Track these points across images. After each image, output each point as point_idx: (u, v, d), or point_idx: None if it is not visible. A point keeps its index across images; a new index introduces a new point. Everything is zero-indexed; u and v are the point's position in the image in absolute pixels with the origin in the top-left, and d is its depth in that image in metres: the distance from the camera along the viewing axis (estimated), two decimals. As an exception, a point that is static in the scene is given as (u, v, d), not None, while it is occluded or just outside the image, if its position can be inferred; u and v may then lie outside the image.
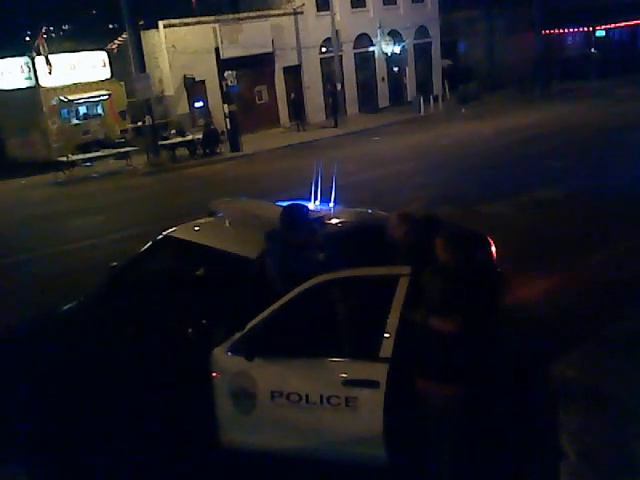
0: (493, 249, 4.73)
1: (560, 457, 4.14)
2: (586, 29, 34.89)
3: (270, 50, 26.20)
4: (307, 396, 4.19)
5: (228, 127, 21.97)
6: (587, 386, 4.77)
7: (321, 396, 4.16)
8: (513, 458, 4.44)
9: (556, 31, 35.07)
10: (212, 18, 24.44)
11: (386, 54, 30.27)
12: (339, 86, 26.52)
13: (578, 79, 31.10)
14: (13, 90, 21.73)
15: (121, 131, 23.37)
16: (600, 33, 35.26)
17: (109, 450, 4.31)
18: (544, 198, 11.72)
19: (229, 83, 21.70)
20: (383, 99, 30.75)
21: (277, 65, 26.98)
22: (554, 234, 9.53)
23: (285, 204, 5.02)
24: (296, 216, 4.70)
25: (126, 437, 4.32)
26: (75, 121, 22.37)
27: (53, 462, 4.38)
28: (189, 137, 21.78)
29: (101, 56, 22.92)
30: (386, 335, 4.08)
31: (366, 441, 4.11)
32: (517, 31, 33.38)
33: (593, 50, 35.04)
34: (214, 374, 4.38)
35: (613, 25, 34.72)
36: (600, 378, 4.88)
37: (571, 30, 35.32)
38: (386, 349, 4.05)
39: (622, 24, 34.94)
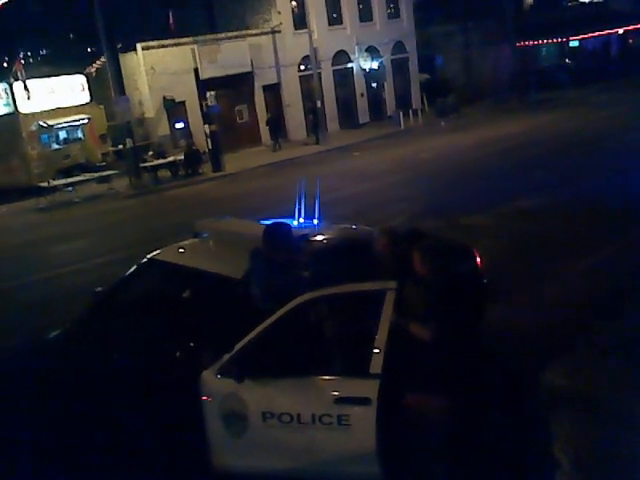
0: (478, 260, 4.75)
1: (555, 467, 4.14)
2: (560, 40, 35.51)
3: (249, 69, 26.33)
4: (299, 416, 4.15)
5: (209, 147, 21.98)
6: (578, 394, 4.78)
7: (313, 415, 4.13)
8: (509, 470, 4.43)
9: (531, 43, 35.67)
10: (190, 39, 24.53)
11: (364, 70, 30.53)
12: (319, 103, 26.65)
13: (554, 89, 31.56)
14: (-9, 117, 21.63)
15: (102, 154, 23.28)
16: (574, 43, 35.93)
17: (100, 477, 4.25)
18: (527, 208, 11.81)
19: (209, 103, 21.72)
20: (363, 115, 30.96)
21: (257, 84, 27.10)
22: (538, 243, 9.59)
23: (268, 222, 5.01)
24: (278, 234, 4.69)
25: (117, 463, 4.26)
26: (55, 146, 22.25)
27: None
28: (170, 158, 21.75)
29: (80, 80, 22.88)
30: (375, 351, 4.06)
31: (360, 459, 4.07)
32: (492, 44, 33.89)
33: (568, 60, 35.65)
34: (204, 397, 4.34)
35: (586, 35, 35.36)
36: (591, 386, 4.90)
37: (545, 41, 35.92)
38: (376, 365, 4.03)
39: (595, 34, 35.61)
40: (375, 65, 30.48)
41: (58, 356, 5.03)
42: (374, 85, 31.41)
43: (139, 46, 23.58)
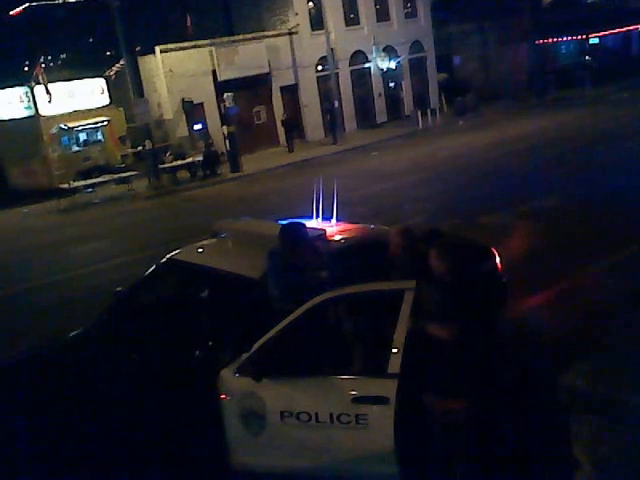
0: (497, 260, 4.72)
1: (575, 467, 4.11)
2: (579, 37, 35.11)
3: (267, 71, 26.40)
4: (317, 415, 4.15)
5: (228, 148, 22.08)
6: (599, 395, 4.74)
7: (331, 415, 4.13)
8: (527, 470, 4.39)
9: (549, 40, 35.30)
10: (208, 41, 24.68)
11: (382, 70, 30.47)
12: (336, 103, 26.67)
13: (574, 87, 31.23)
14: (13, 120, 21.94)
15: (122, 156, 23.54)
16: (593, 40, 35.47)
17: (119, 476, 4.28)
18: (546, 207, 11.70)
19: (227, 105, 21.83)
20: (381, 114, 30.91)
21: (274, 85, 27.16)
22: (556, 243, 9.50)
23: (284, 222, 5.03)
24: (294, 234, 4.69)
25: (136, 462, 4.29)
26: (75, 148, 22.55)
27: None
28: (189, 159, 21.89)
29: (99, 83, 23.16)
30: (394, 350, 4.05)
31: (378, 458, 4.07)
32: (510, 42, 33.62)
33: (587, 57, 35.24)
34: (222, 396, 4.36)
35: (606, 32, 34.92)
36: (612, 386, 4.85)
37: (564, 39, 35.52)
38: (394, 364, 4.02)
39: (615, 31, 35.17)
40: (393, 65, 30.41)
41: (77, 355, 5.09)
42: (392, 85, 31.34)
43: (158, 49, 23.76)
